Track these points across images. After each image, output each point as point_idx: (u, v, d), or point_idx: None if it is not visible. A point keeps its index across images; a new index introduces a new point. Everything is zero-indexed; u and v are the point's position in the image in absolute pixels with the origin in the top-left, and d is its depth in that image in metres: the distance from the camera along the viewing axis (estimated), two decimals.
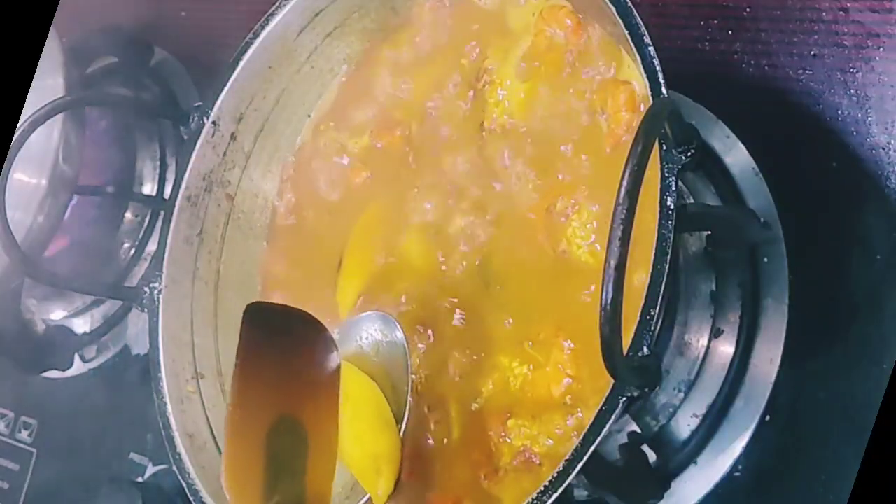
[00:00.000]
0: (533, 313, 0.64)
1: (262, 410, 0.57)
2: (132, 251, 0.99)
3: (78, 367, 1.00)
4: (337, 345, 0.60)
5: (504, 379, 0.64)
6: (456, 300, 0.67)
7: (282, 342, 0.59)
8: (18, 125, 0.72)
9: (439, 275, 0.68)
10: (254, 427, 0.57)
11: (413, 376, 0.65)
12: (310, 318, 0.60)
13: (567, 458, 0.51)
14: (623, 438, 0.68)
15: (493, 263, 0.67)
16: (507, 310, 0.65)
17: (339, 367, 0.59)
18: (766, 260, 0.68)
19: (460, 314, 0.66)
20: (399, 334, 0.65)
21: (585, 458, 0.50)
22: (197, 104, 0.76)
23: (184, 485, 0.66)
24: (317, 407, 0.58)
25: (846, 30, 0.70)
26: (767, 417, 0.66)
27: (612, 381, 0.50)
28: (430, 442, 0.65)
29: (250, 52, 0.74)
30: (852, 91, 0.70)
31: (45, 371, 0.97)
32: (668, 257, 0.50)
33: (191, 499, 0.66)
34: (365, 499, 0.63)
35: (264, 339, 0.58)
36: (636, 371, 0.49)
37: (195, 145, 0.75)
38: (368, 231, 0.74)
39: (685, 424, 0.68)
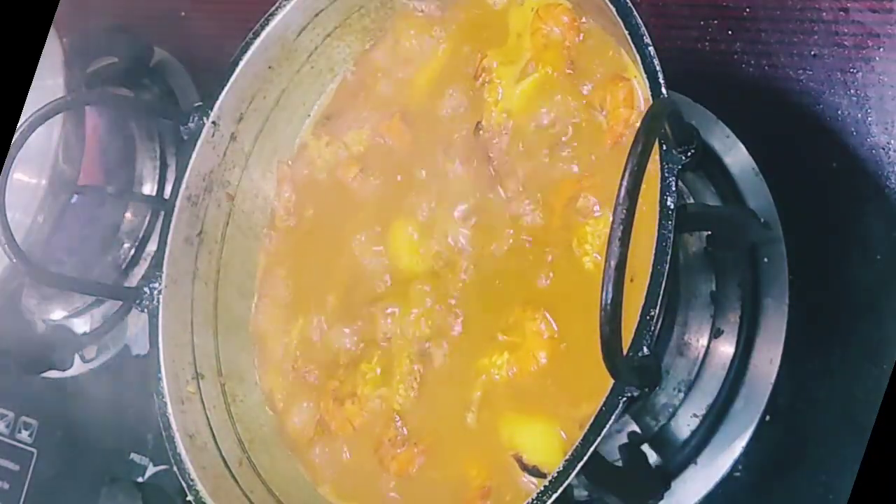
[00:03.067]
0: (501, 304, 0.64)
1: None
2: (132, 251, 0.99)
3: (78, 367, 1.00)
4: None
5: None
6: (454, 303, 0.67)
7: None
8: (18, 125, 0.72)
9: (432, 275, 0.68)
10: None
11: None
12: None
13: (567, 457, 0.51)
14: (623, 438, 0.68)
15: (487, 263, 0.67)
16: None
17: None
18: (766, 260, 0.68)
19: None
20: None
21: (585, 458, 0.50)
22: (197, 104, 0.76)
23: (184, 485, 0.66)
24: None
25: (846, 30, 0.70)
26: (767, 417, 0.66)
27: (612, 380, 0.50)
28: None
29: (250, 52, 0.74)
30: (852, 91, 0.70)
31: (45, 371, 0.97)
32: (668, 257, 0.50)
33: (191, 499, 0.66)
34: None
35: None
36: (636, 371, 0.49)
37: (195, 145, 0.75)
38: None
39: (685, 424, 0.68)
